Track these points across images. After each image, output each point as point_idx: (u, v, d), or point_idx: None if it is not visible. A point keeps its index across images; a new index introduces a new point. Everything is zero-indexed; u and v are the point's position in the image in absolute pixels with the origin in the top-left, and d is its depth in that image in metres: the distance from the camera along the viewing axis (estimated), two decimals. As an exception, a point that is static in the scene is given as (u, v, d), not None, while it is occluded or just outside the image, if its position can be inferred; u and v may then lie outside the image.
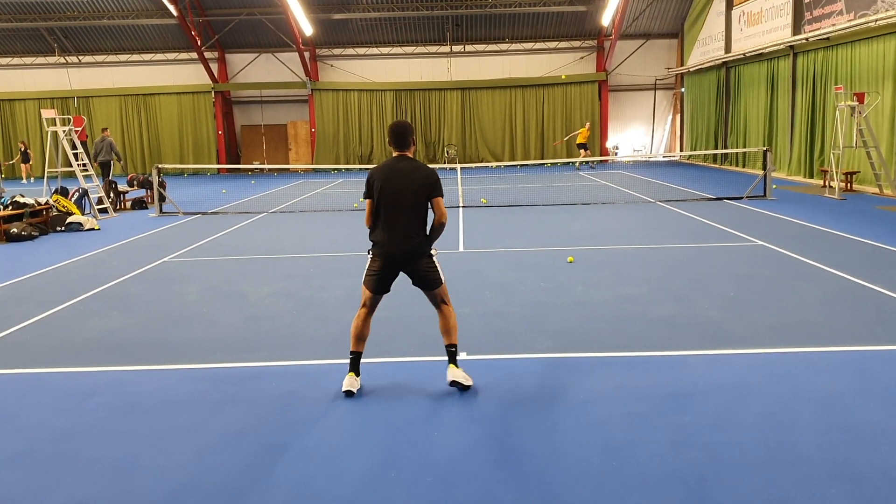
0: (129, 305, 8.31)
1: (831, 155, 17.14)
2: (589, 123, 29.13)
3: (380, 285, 5.50)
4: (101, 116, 32.37)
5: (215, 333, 7.13)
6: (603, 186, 20.95)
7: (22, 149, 29.20)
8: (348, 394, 5.36)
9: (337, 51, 32.49)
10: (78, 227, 14.80)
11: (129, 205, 18.95)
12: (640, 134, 33.03)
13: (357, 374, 5.50)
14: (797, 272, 9.05)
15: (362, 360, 5.61)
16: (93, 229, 14.82)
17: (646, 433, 4.64)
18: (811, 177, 20.57)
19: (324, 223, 14.98)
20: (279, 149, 33.27)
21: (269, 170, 31.87)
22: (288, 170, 32.00)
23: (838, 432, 4.58)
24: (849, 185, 17.65)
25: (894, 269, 9.04)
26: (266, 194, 21.74)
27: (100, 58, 32.96)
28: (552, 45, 32.19)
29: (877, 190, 16.94)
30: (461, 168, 18.99)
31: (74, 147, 17.73)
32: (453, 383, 5.41)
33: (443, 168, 29.70)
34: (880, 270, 8.91)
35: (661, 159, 32.69)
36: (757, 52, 23.52)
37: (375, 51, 32.45)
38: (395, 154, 5.49)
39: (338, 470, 4.28)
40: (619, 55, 31.95)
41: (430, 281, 5.51)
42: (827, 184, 17.65)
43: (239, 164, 32.32)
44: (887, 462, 4.18)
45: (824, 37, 19.25)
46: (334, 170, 31.13)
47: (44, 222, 14.66)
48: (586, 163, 28.90)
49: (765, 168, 16.98)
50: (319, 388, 5.59)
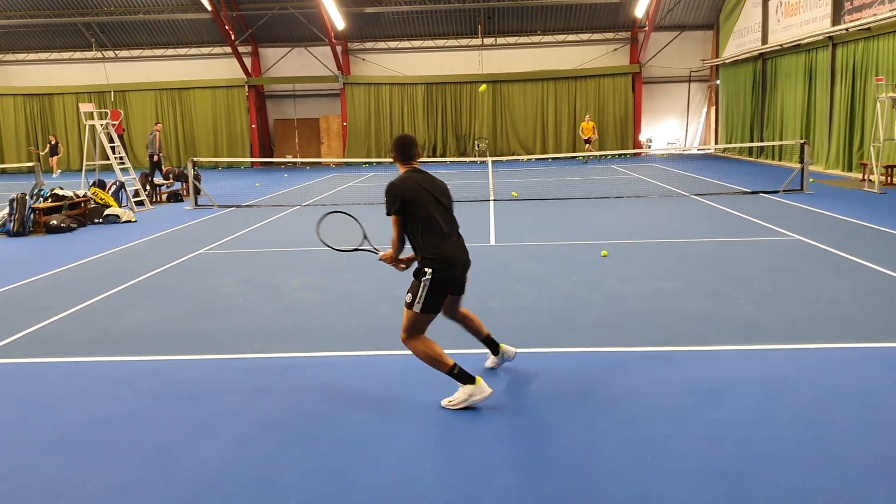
0: (166, 296, 8.44)
1: (871, 148, 16.79)
2: (589, 116, 28.85)
3: (439, 306, 5.06)
4: (136, 110, 32.81)
5: (250, 324, 7.21)
6: (636, 180, 20.77)
7: (52, 142, 29.56)
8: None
9: (369, 44, 32.57)
10: (115, 219, 15.05)
11: (164, 197, 19.21)
12: (673, 127, 32.68)
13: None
14: (834, 267, 8.91)
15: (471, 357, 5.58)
16: (130, 221, 15.06)
17: (681, 428, 4.61)
18: (850, 170, 20.19)
19: (357, 216, 15.02)
20: (311, 143, 33.46)
21: (302, 163, 32.07)
22: (320, 163, 32.18)
23: (877, 429, 4.50)
24: (889, 178, 17.29)
25: (936, 264, 8.86)
26: (299, 187, 21.90)
27: (136, 52, 33.41)
28: (585, 36, 31.94)
29: (918, 184, 16.59)
30: (492, 161, 18.91)
31: (112, 140, 18.01)
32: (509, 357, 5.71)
33: (473, 161, 29.73)
34: (922, 266, 8.73)
35: (695, 152, 32.31)
36: (795, 44, 23.11)
37: (407, 44, 32.48)
38: (410, 165, 5.20)
39: (372, 460, 4.31)
40: (654, 47, 31.62)
41: (464, 286, 5.36)
42: (866, 177, 17.32)
43: (272, 157, 32.59)
44: (929, 460, 4.10)
45: (865, 27, 18.85)
46: (365, 163, 31.24)
47: (82, 214, 14.92)
48: (590, 157, 28.54)
49: (802, 161, 16.70)
50: (353, 379, 5.64)
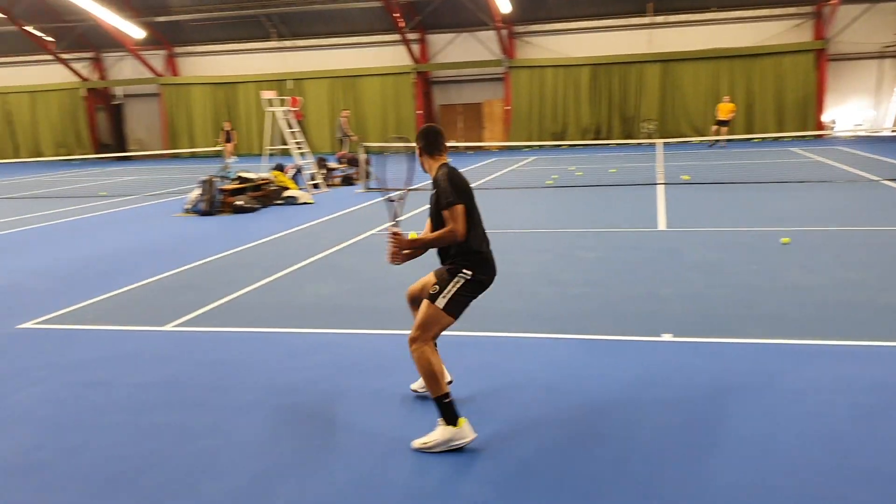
0: (342, 273, 8.85)
1: None
2: (728, 98, 27.03)
3: (463, 310, 4.60)
4: (312, 98, 34.44)
5: (420, 303, 7.42)
6: (818, 163, 19.40)
7: (227, 128, 31.31)
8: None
9: (534, 27, 32.36)
10: (294, 200, 15.94)
11: (338, 181, 20.10)
12: (862, 106, 30.14)
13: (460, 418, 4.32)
14: None
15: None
16: (307, 203, 15.90)
17: (876, 429, 4.28)
18: None
19: (517, 200, 15.09)
20: (473, 127, 33.79)
21: (464, 148, 32.51)
22: (482, 147, 32.46)
23: None
24: None
25: None
26: (462, 171, 22.16)
27: (312, 42, 35.06)
28: (763, 12, 30.03)
29: None
30: (662, 143, 18.30)
31: (291, 126, 19.05)
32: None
33: (640, 144, 28.90)
34: None
35: (888, 134, 29.67)
36: None
37: (573, 25, 31.94)
38: (440, 159, 4.88)
39: (540, 441, 4.32)
40: (840, 21, 29.24)
41: None
42: None
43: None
44: None
45: None
46: (527, 147, 31.17)
47: (264, 196, 15.91)
48: (717, 142, 26.76)
49: None
50: (517, 360, 5.68)
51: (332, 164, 20.44)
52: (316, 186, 18.43)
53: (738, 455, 4.06)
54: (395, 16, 30.91)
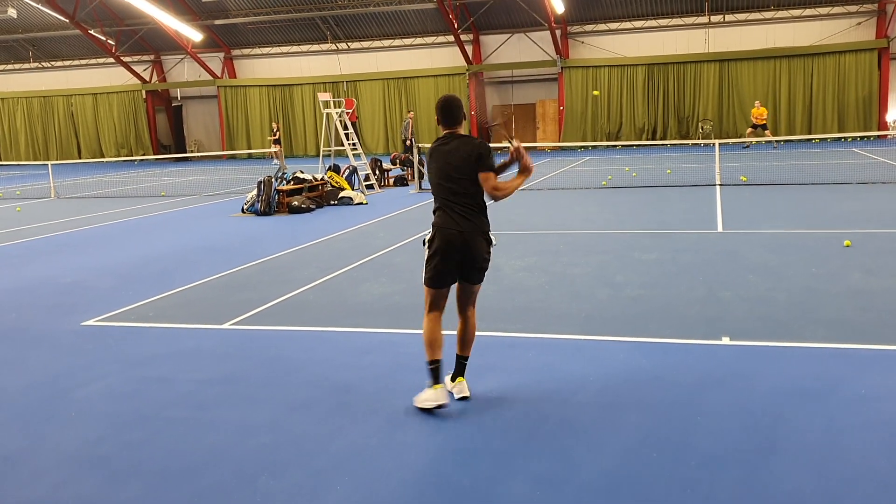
0: (396, 273, 8.93)
1: None
2: (759, 102, 26.26)
3: (440, 279, 4.87)
4: (366, 99, 34.77)
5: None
6: (881, 164, 18.82)
7: (274, 129, 31.68)
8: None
9: (588, 27, 32.12)
10: (348, 201, 16.12)
11: (391, 182, 20.26)
12: (929, 106, 29.14)
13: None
14: None
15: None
16: (361, 203, 16.06)
17: (944, 438, 4.15)
18: None
19: (571, 201, 14.99)
20: (527, 127, 33.70)
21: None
22: (535, 148, 32.32)
23: None
24: None
25: None
26: (511, 172, 22.11)
27: (366, 44, 35.38)
28: (824, 10, 29.29)
29: None
30: (719, 144, 17.96)
31: (346, 128, 19.25)
32: (463, 398, 4.97)
33: (697, 144, 28.43)
34: None
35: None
36: None
37: (628, 25, 31.62)
38: (445, 132, 4.97)
39: (596, 444, 4.30)
40: (906, 18, 28.34)
41: (479, 274, 4.96)
42: None
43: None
44: None
45: None
46: (581, 147, 30.93)
47: (320, 196, 16.12)
48: (750, 143, 25.94)
49: None
50: (575, 362, 5.64)
51: (386, 165, 20.61)
52: (370, 187, 18.60)
53: (799, 461, 3.98)
54: (448, 17, 30.99)
